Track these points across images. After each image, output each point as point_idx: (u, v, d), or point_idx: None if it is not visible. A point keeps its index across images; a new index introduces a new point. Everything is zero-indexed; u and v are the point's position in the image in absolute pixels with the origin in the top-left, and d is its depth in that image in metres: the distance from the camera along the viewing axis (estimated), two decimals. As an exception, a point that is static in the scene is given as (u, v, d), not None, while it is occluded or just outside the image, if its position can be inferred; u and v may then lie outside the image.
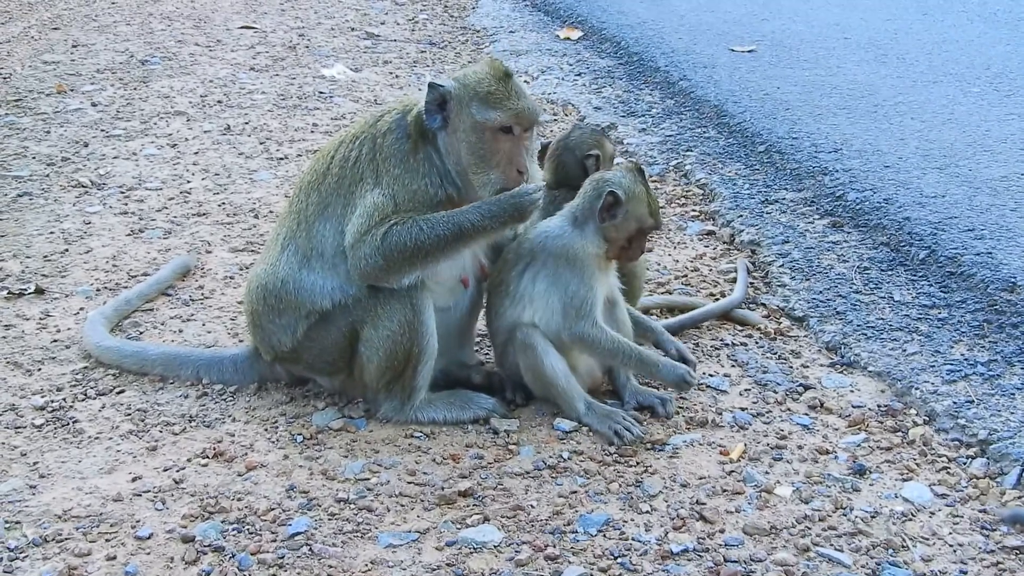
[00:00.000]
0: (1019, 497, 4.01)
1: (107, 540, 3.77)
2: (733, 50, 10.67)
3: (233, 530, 3.82)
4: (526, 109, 4.43)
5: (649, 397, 4.64)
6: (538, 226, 4.67)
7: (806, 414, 4.62)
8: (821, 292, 5.63)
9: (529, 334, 4.53)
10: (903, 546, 3.76)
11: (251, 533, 3.81)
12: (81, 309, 5.50)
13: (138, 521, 3.87)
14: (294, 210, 4.67)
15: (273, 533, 3.81)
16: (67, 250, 6.20)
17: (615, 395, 4.73)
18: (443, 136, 4.45)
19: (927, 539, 3.80)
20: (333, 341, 4.56)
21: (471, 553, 3.72)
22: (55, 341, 5.20)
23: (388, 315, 4.44)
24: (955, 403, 4.58)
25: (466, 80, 4.47)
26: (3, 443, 4.38)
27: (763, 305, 5.60)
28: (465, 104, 4.41)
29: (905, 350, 5.04)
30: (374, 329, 4.47)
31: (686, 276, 5.95)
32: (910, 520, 3.91)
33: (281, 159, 7.79)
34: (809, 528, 3.85)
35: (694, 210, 6.94)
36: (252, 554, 3.69)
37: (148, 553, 3.70)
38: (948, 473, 4.18)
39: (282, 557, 3.67)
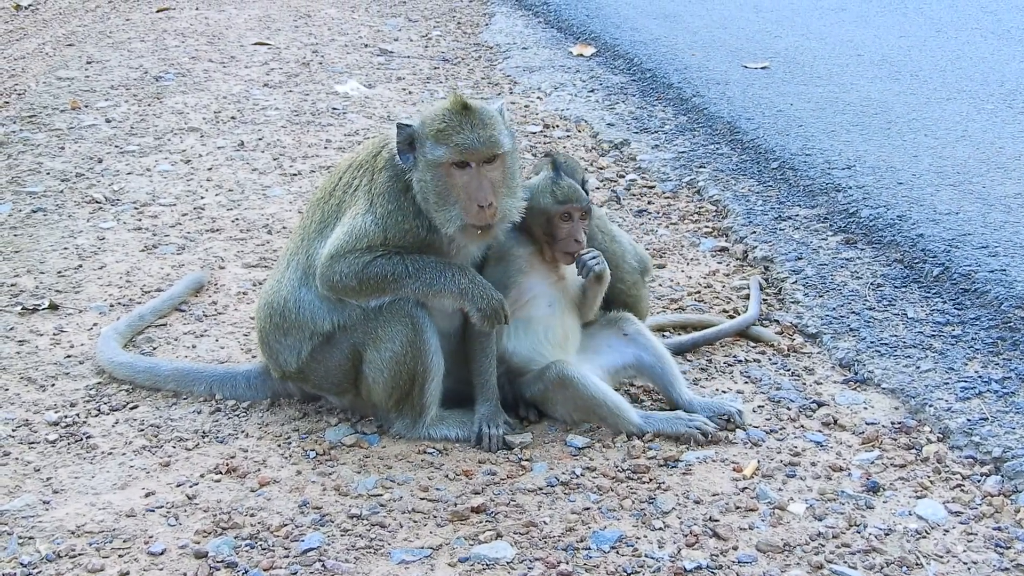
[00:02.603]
0: (1034, 515, 4.00)
1: (120, 556, 3.78)
2: (746, 67, 10.67)
3: (246, 546, 3.82)
4: (476, 142, 4.26)
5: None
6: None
7: (819, 431, 4.61)
8: (834, 309, 5.62)
9: (560, 368, 4.53)
10: (917, 564, 3.75)
11: (264, 549, 3.81)
12: (95, 325, 5.52)
13: (151, 537, 3.88)
14: (301, 226, 4.69)
15: (286, 549, 3.81)
16: (81, 266, 6.22)
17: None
18: (414, 176, 4.37)
19: (941, 556, 3.79)
20: (337, 363, 4.57)
21: (484, 570, 3.71)
22: (69, 357, 5.22)
23: (390, 336, 4.44)
24: (969, 420, 4.56)
25: (425, 117, 4.38)
26: (17, 458, 4.39)
27: (776, 322, 5.59)
28: (422, 142, 4.33)
29: (919, 367, 5.02)
30: (377, 351, 4.47)
31: (699, 292, 5.94)
32: (924, 537, 3.89)
33: (294, 175, 7.81)
34: (823, 545, 3.84)
35: (707, 226, 6.94)
36: (265, 570, 3.69)
37: (161, 569, 3.71)
38: (962, 490, 4.17)
39: (295, 573, 3.67)
